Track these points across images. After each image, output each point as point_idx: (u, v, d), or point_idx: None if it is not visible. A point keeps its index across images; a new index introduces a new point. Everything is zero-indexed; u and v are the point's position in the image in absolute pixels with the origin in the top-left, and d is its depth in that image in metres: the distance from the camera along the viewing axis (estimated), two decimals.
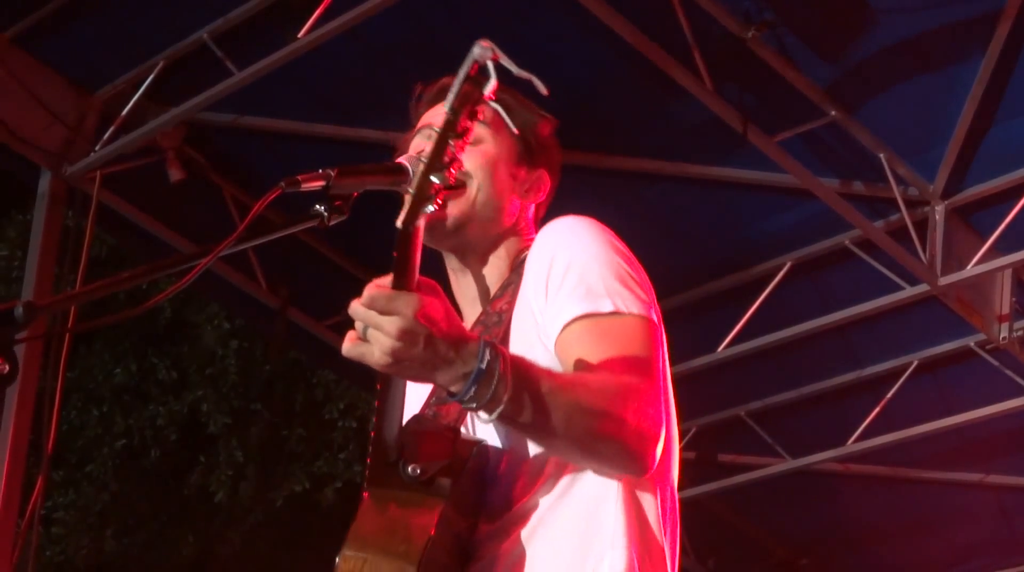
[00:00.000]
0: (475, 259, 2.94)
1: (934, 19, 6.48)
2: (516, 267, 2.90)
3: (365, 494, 2.61)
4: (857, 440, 8.43)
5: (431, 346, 2.34)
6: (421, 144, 2.94)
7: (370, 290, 2.35)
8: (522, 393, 2.41)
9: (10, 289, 13.47)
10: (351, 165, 2.65)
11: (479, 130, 2.91)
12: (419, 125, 3.05)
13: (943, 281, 7.23)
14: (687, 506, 10.14)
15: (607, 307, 2.64)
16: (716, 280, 7.98)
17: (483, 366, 2.37)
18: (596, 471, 2.61)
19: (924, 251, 7.21)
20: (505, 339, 2.77)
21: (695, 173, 7.41)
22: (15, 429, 6.91)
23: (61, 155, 7.37)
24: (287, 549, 14.23)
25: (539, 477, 2.66)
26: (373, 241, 6.99)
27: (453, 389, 2.40)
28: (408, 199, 2.34)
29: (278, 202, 2.54)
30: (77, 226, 7.43)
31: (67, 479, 14.45)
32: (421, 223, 2.35)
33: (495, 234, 2.93)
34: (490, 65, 2.31)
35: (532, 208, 3.01)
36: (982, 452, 8.67)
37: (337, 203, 2.61)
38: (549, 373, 2.50)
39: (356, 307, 2.35)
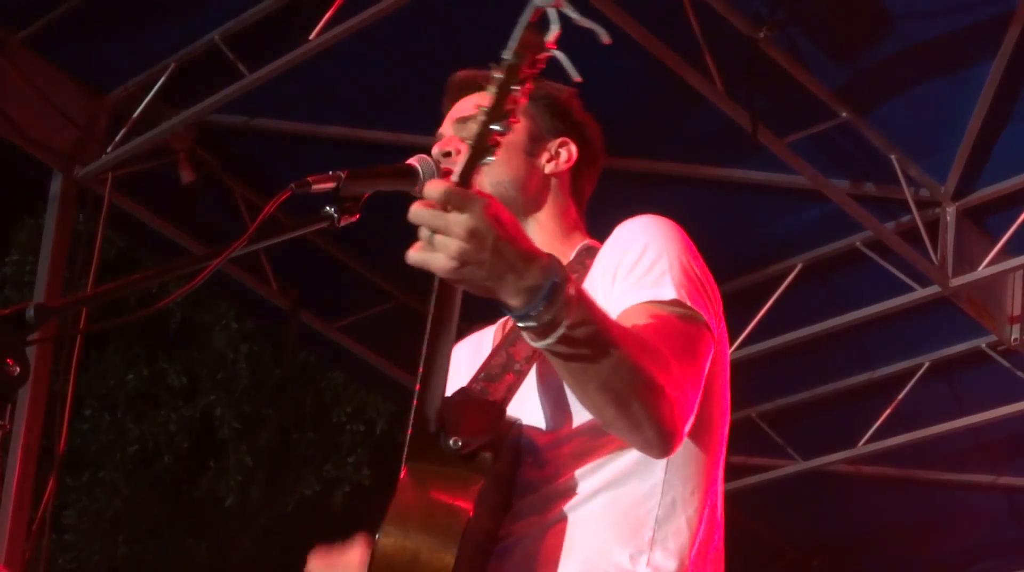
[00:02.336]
0: None
1: (946, 22, 6.48)
2: (579, 257, 2.87)
3: (404, 468, 2.57)
4: (868, 441, 8.42)
5: (500, 251, 2.21)
6: (447, 136, 2.91)
7: (439, 185, 2.21)
8: (581, 325, 2.31)
9: (23, 293, 13.50)
10: (362, 167, 2.65)
11: None
12: (446, 119, 2.99)
13: (954, 283, 7.22)
14: None
15: (669, 295, 2.60)
16: (727, 281, 7.95)
17: (556, 281, 2.26)
18: (619, 437, 2.54)
19: (935, 253, 7.20)
20: None
21: (706, 175, 7.41)
22: (27, 431, 6.92)
23: (72, 157, 7.38)
24: (298, 553, 14.24)
25: (580, 464, 2.63)
26: (384, 243, 7.00)
27: (514, 303, 2.26)
28: (465, 150, 2.24)
29: (289, 204, 2.54)
30: (88, 228, 7.44)
31: (80, 485, 14.47)
32: (478, 176, 2.26)
33: (522, 212, 2.89)
34: (551, 12, 2.24)
35: (565, 178, 2.98)
36: (994, 453, 8.66)
37: (348, 205, 2.60)
38: (609, 317, 2.43)
39: (420, 209, 2.20)
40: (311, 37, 6.54)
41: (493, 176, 2.87)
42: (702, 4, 6.34)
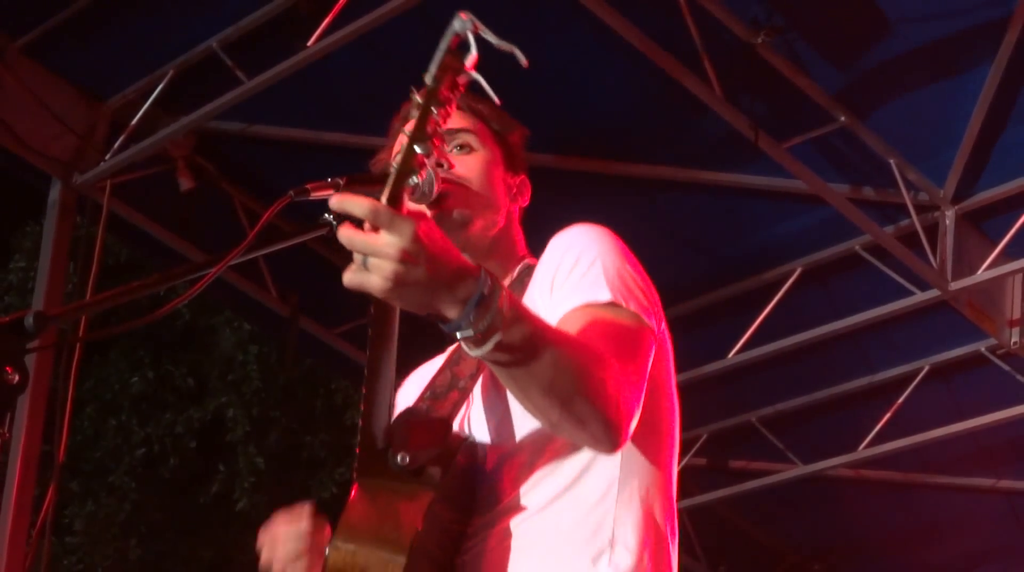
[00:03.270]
0: (474, 260, 2.94)
1: (944, 25, 6.48)
2: (520, 276, 2.91)
3: (355, 485, 2.60)
4: (868, 446, 8.42)
5: (432, 269, 2.26)
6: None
7: (365, 205, 2.25)
8: (517, 329, 2.35)
9: (26, 300, 13.50)
10: (360, 173, 2.65)
11: (467, 139, 2.95)
12: (396, 140, 3.07)
13: (954, 286, 7.22)
14: (698, 512, 10.18)
15: (605, 297, 2.63)
16: (726, 286, 7.98)
17: (484, 292, 2.31)
18: (567, 438, 2.57)
19: (935, 256, 7.20)
20: None
21: (705, 180, 7.41)
22: (26, 439, 6.91)
23: (71, 164, 7.37)
24: None
25: (532, 473, 2.66)
26: None
27: (450, 315, 2.31)
28: (392, 172, 2.30)
29: (288, 210, 2.54)
30: (88, 235, 7.44)
31: (87, 490, 14.47)
32: (405, 197, 2.31)
33: (493, 235, 2.93)
34: (471, 36, 2.30)
35: (516, 212, 3.02)
36: (994, 457, 8.66)
37: None
38: (545, 322, 2.47)
39: (351, 234, 2.25)
40: (309, 44, 6.54)
41: (486, 199, 2.92)
42: (701, 10, 6.34)
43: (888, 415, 8.30)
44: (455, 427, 2.71)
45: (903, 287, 7.46)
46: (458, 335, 2.34)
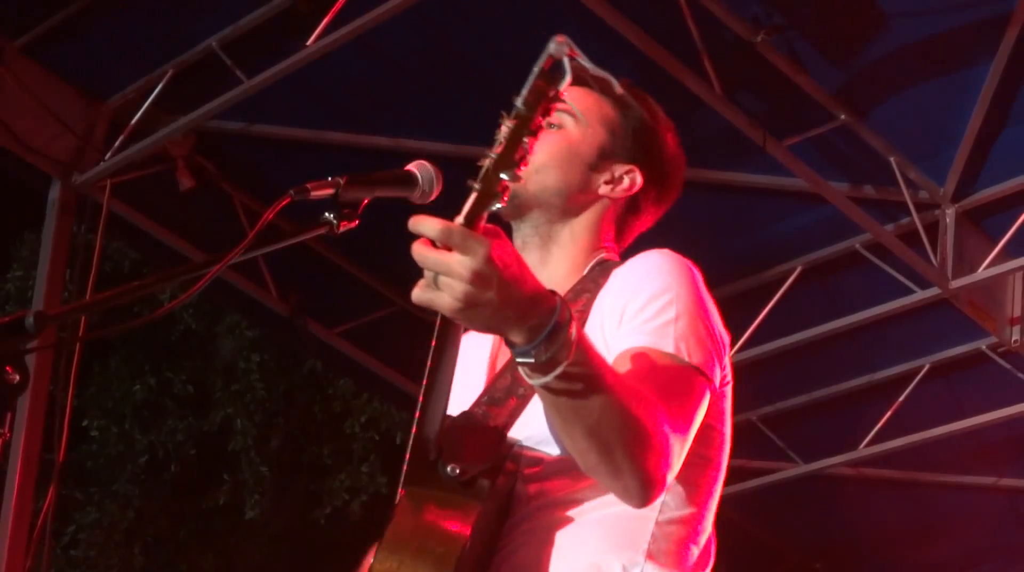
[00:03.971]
0: (537, 242, 2.89)
1: (944, 23, 6.47)
2: (592, 273, 2.85)
3: (401, 492, 2.57)
4: (869, 444, 8.41)
5: (504, 292, 2.22)
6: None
7: (440, 225, 2.20)
8: (579, 366, 2.32)
9: (26, 308, 13.48)
10: (361, 173, 2.64)
11: (561, 118, 2.86)
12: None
13: (954, 284, 7.21)
14: None
15: (669, 347, 2.59)
16: (726, 284, 7.97)
17: (558, 321, 2.28)
18: (600, 481, 2.53)
19: (935, 254, 7.19)
20: None
21: (706, 178, 7.40)
22: (26, 440, 6.91)
23: (71, 164, 7.37)
24: (312, 562, 14.21)
25: (581, 481, 2.62)
26: (383, 249, 6.99)
27: (517, 340, 2.29)
28: (473, 195, 2.24)
29: (288, 210, 2.53)
30: (86, 242, 7.44)
31: (91, 498, 14.48)
32: (482, 221, 2.25)
33: (558, 219, 2.88)
34: (566, 61, 2.24)
35: (619, 204, 2.94)
36: (995, 455, 8.65)
37: (347, 211, 2.60)
38: (606, 363, 2.43)
39: (424, 251, 2.22)
40: (309, 43, 6.54)
41: (541, 179, 2.85)
42: (701, 9, 6.34)
43: (889, 413, 8.29)
44: (511, 433, 2.68)
45: (903, 285, 7.45)
46: (519, 360, 2.31)
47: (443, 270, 2.21)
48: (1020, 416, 8.01)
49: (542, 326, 2.27)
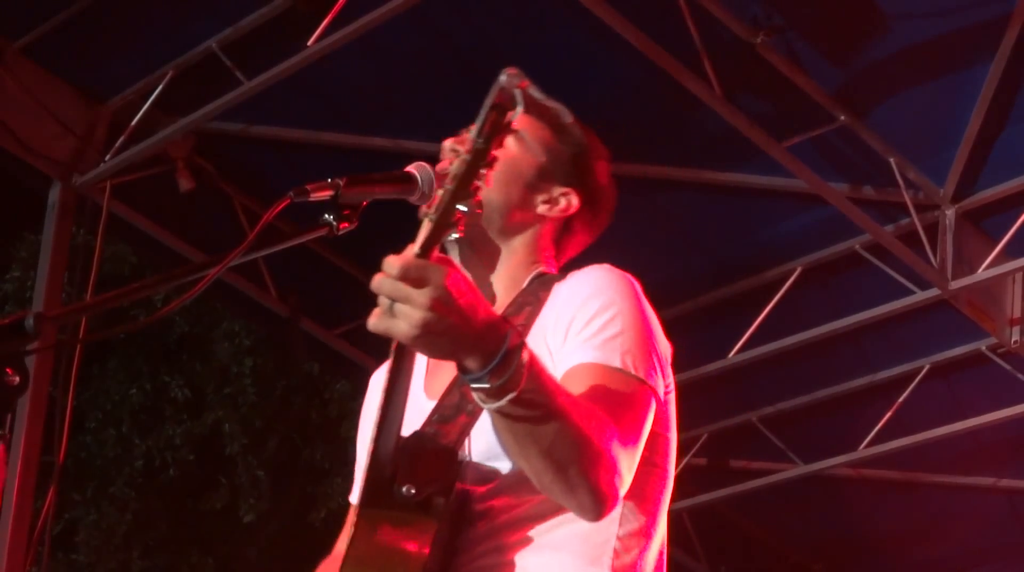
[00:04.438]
0: (475, 259, 2.91)
1: (944, 23, 6.47)
2: (532, 287, 2.87)
3: (359, 516, 2.60)
4: (869, 445, 8.42)
5: (460, 318, 2.27)
6: (448, 156, 2.91)
7: (397, 260, 2.26)
8: (531, 391, 2.36)
9: (24, 309, 13.50)
10: (360, 174, 2.65)
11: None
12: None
13: (954, 285, 7.21)
14: (699, 512, 10.17)
15: (616, 363, 2.63)
16: (726, 286, 7.98)
17: (509, 348, 2.32)
18: (554, 499, 2.55)
19: (935, 255, 7.19)
20: None
21: (705, 179, 7.41)
22: (26, 441, 6.91)
23: (71, 165, 7.37)
24: (307, 565, 14.14)
25: (537, 496, 2.63)
26: (382, 250, 6.99)
27: (471, 365, 2.32)
28: (427, 225, 2.29)
29: (287, 211, 2.54)
30: (86, 244, 7.44)
31: (88, 501, 14.47)
32: (436, 248, 2.29)
33: (497, 237, 2.90)
34: (517, 94, 2.27)
35: (556, 224, 2.96)
36: (994, 456, 8.65)
37: (346, 212, 2.60)
38: (557, 384, 2.47)
39: (382, 280, 2.27)
40: (309, 44, 6.54)
41: (484, 195, 2.86)
42: (700, 10, 6.34)
43: (889, 414, 8.30)
44: (467, 446, 2.70)
45: (903, 286, 7.45)
46: (474, 386, 2.35)
47: (401, 298, 2.26)
48: (1020, 417, 8.01)
49: (495, 352, 2.31)
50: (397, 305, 2.27)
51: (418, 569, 2.50)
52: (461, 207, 2.28)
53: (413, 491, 2.56)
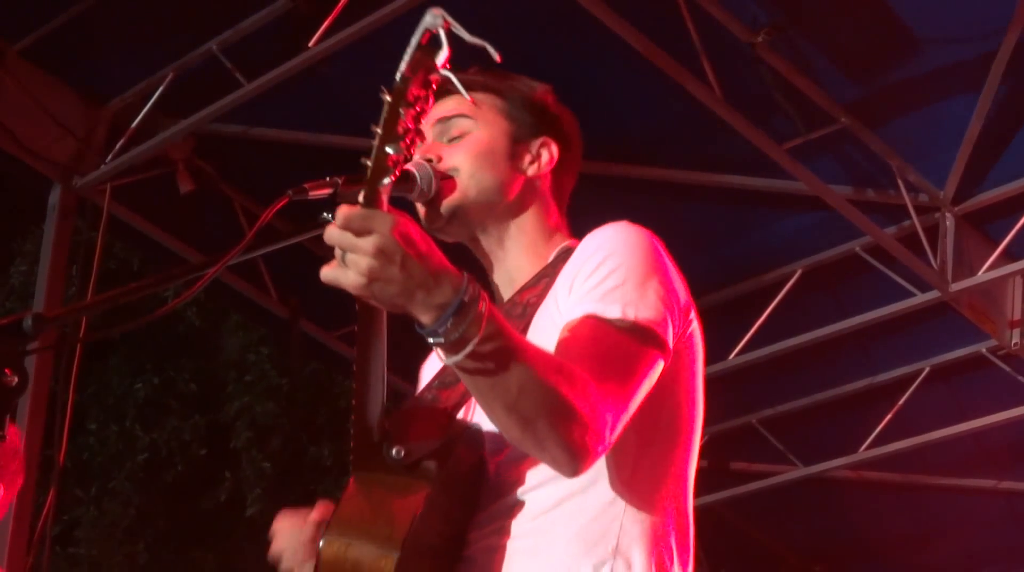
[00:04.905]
0: (493, 244, 2.90)
1: (945, 28, 6.48)
2: (556, 260, 2.85)
3: (351, 479, 2.58)
4: (869, 447, 8.42)
5: (408, 267, 2.26)
6: (429, 142, 2.91)
7: (344, 210, 2.28)
8: (491, 342, 2.33)
9: (28, 304, 13.40)
10: (358, 174, 2.65)
11: (462, 124, 2.89)
12: (429, 119, 2.96)
13: (954, 287, 7.21)
14: (699, 514, 10.10)
15: (615, 312, 2.58)
16: (726, 288, 7.98)
17: (464, 300, 2.30)
18: (528, 452, 2.53)
19: (935, 258, 7.20)
20: (524, 331, 2.71)
21: (705, 181, 7.41)
22: (26, 441, 6.90)
23: (71, 167, 7.38)
24: None
25: (539, 474, 2.62)
26: None
27: (424, 319, 2.31)
28: (367, 172, 2.32)
29: (286, 210, 2.54)
30: (88, 241, 7.44)
31: (90, 496, 14.47)
32: (384, 196, 2.31)
33: (504, 216, 2.88)
34: (442, 33, 2.33)
35: (547, 179, 2.95)
36: (995, 458, 8.65)
37: None
38: (521, 338, 2.44)
39: (331, 230, 2.28)
40: (309, 46, 6.54)
41: (478, 182, 2.86)
42: (700, 11, 6.34)
43: (889, 416, 8.30)
44: (461, 416, 2.68)
45: (904, 288, 7.45)
46: (430, 340, 2.33)
47: (348, 246, 2.27)
48: (1020, 419, 8.02)
49: (448, 304, 2.29)
50: (348, 255, 2.28)
51: (404, 531, 2.47)
52: (390, 150, 2.31)
53: (403, 453, 2.53)
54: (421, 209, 2.80)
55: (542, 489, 2.63)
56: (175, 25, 7.04)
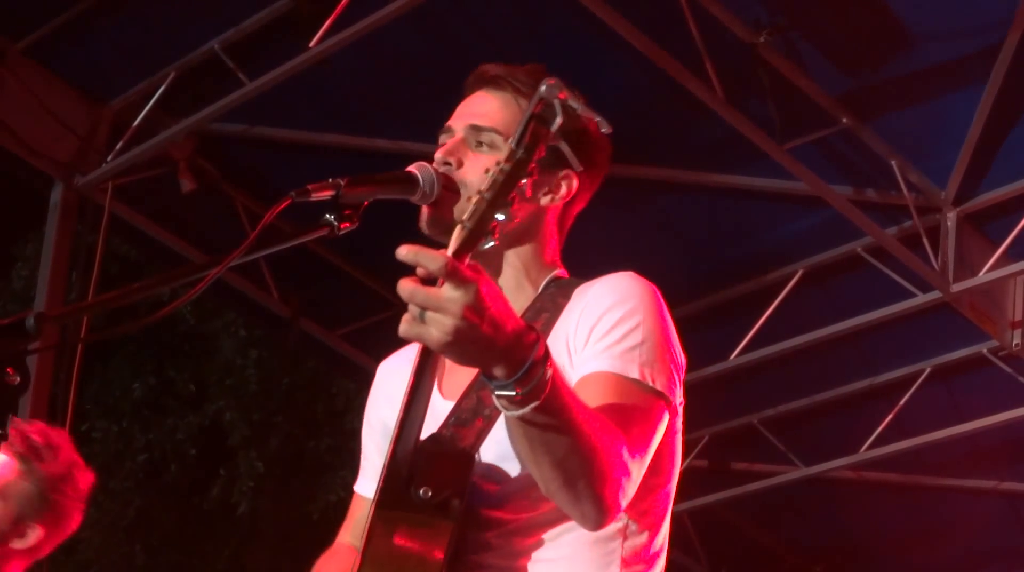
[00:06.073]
0: (489, 264, 2.84)
1: (946, 29, 6.48)
2: (548, 292, 2.84)
3: (373, 513, 2.60)
4: (870, 447, 8.42)
5: (492, 327, 2.27)
6: (454, 140, 2.87)
7: (441, 258, 2.23)
8: (553, 401, 2.37)
9: (30, 308, 13.48)
10: (361, 174, 2.65)
11: (492, 138, 2.85)
12: (453, 115, 2.94)
13: (955, 288, 7.21)
14: (700, 514, 10.15)
15: (634, 374, 2.63)
16: (728, 288, 7.98)
17: (536, 357, 2.33)
18: (556, 503, 2.57)
19: (936, 258, 7.20)
20: None
21: (707, 181, 7.41)
22: None
23: (73, 166, 7.38)
24: (312, 559, 14.14)
25: (547, 503, 2.63)
26: (383, 251, 6.99)
27: (498, 374, 2.33)
28: (460, 231, 2.29)
29: (289, 212, 2.53)
30: (89, 243, 7.44)
31: (92, 495, 14.45)
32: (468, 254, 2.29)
33: (506, 244, 2.85)
34: (557, 104, 2.30)
35: (557, 210, 2.93)
36: (995, 459, 8.65)
37: (347, 212, 2.60)
38: (575, 397, 2.47)
39: (412, 286, 2.25)
40: (311, 45, 6.54)
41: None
42: (702, 12, 6.34)
43: (889, 417, 8.30)
44: (483, 449, 2.70)
45: (904, 289, 7.45)
46: (499, 392, 2.35)
47: (434, 306, 2.25)
48: (1020, 420, 8.01)
49: (523, 361, 2.32)
50: (428, 313, 2.25)
51: (437, 567, 2.52)
52: (499, 216, 2.29)
53: (430, 493, 2.56)
54: (425, 210, 2.79)
55: (547, 521, 2.67)
56: (177, 24, 7.05)
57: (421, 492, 2.56)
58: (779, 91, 6.66)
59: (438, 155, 2.83)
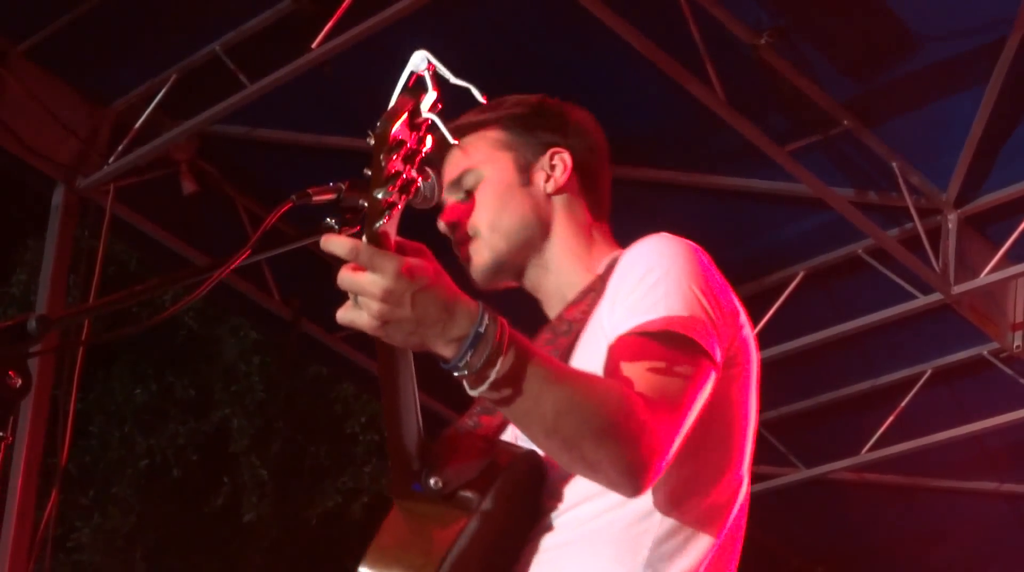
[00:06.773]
0: (539, 272, 2.88)
1: (947, 31, 6.48)
2: (605, 272, 2.79)
3: (394, 505, 2.57)
4: (871, 449, 8.41)
5: (419, 306, 2.24)
6: (447, 206, 2.93)
7: (347, 244, 2.27)
8: (516, 369, 2.30)
9: (30, 310, 13.50)
10: (362, 178, 2.65)
11: (466, 181, 2.87)
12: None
13: (956, 290, 7.22)
14: None
15: (659, 325, 2.52)
16: None
17: (480, 330, 2.27)
18: (586, 478, 2.48)
19: (937, 260, 7.20)
20: (571, 349, 2.69)
21: (707, 183, 7.41)
22: (29, 443, 6.91)
23: (74, 168, 7.38)
24: (316, 565, 14.20)
25: (578, 487, 2.59)
26: None
27: (445, 354, 2.28)
28: (365, 215, 2.30)
29: (290, 214, 2.54)
30: (90, 247, 7.44)
31: (91, 502, 14.48)
32: (386, 228, 2.29)
33: (540, 242, 2.86)
34: (427, 75, 2.30)
35: (571, 184, 2.91)
36: (997, 461, 8.65)
37: (348, 215, 2.60)
38: (551, 359, 2.40)
39: (342, 273, 2.27)
40: (313, 47, 6.55)
41: (504, 230, 2.84)
42: (703, 13, 6.34)
43: (891, 419, 8.29)
44: (508, 438, 2.66)
45: (905, 291, 7.45)
46: (456, 374, 2.31)
47: (357, 290, 2.26)
48: (1021, 422, 8.01)
49: (465, 336, 2.27)
50: (360, 298, 2.27)
51: (436, 563, 2.45)
52: (380, 195, 2.30)
53: (441, 484, 2.51)
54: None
55: (586, 503, 2.59)
56: (179, 26, 7.05)
57: (432, 482, 2.51)
58: (780, 93, 6.67)
59: (441, 227, 2.87)
